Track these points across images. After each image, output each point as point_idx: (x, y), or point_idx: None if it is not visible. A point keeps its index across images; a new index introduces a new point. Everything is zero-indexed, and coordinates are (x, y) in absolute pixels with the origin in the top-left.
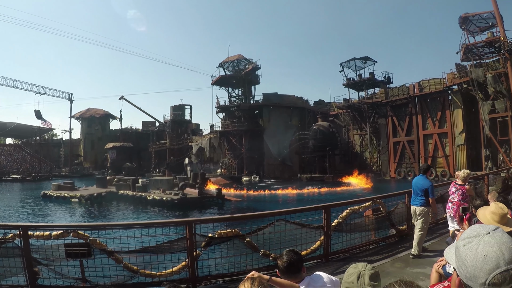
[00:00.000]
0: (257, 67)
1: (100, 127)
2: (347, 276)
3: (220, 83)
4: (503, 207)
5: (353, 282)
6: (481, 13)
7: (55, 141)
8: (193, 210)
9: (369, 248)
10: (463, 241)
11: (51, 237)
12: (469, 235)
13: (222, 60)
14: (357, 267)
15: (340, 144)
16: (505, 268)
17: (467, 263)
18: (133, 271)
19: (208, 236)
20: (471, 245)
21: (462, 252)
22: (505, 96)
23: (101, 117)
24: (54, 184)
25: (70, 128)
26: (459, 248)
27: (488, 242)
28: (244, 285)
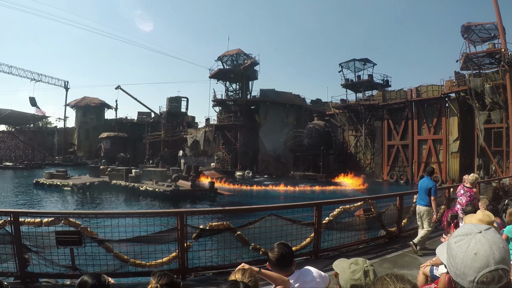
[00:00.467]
0: (256, 63)
1: (95, 116)
2: (352, 272)
3: (218, 76)
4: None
5: (361, 279)
6: (484, 24)
7: (49, 129)
8: (185, 202)
9: (358, 247)
10: (455, 238)
11: (42, 224)
12: (461, 233)
13: (221, 54)
14: (358, 263)
15: (335, 144)
16: (495, 267)
17: (457, 260)
18: (123, 260)
19: (199, 228)
20: (463, 243)
21: (453, 249)
22: (502, 108)
23: (96, 106)
24: (47, 172)
25: (64, 117)
26: (451, 245)
27: (479, 241)
28: (235, 276)
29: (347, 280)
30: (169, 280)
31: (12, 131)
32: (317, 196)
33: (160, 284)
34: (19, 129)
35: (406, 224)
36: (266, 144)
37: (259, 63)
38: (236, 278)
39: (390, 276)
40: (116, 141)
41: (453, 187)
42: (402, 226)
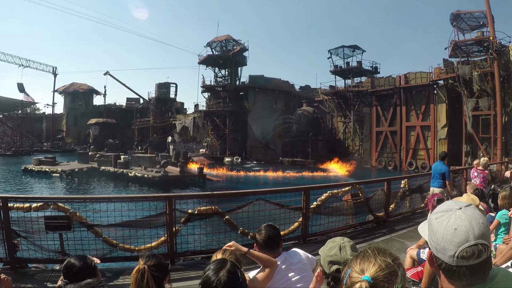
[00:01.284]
0: (245, 49)
1: (83, 102)
2: (328, 249)
3: (207, 62)
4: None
5: (336, 255)
6: (473, 12)
7: (38, 115)
8: (174, 188)
9: (346, 232)
10: (436, 214)
11: (31, 209)
12: (442, 209)
13: (210, 40)
14: (335, 241)
15: (324, 130)
16: (474, 242)
17: (437, 236)
18: (112, 245)
19: (187, 212)
20: (443, 219)
21: (434, 225)
22: (490, 95)
23: (85, 92)
24: (35, 158)
25: (53, 103)
26: (432, 221)
27: (459, 216)
28: (216, 256)
29: (324, 258)
30: (156, 261)
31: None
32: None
33: (148, 265)
34: (7, 116)
35: (393, 209)
36: (255, 130)
37: (248, 49)
38: (217, 257)
39: (372, 249)
40: (104, 127)
41: None
42: (390, 211)
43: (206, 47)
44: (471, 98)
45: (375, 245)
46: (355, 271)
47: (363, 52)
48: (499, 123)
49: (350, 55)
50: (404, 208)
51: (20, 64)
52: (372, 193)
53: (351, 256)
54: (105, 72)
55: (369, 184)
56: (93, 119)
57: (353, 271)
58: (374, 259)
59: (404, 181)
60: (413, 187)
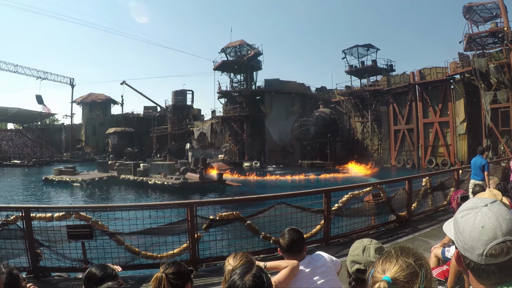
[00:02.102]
0: (259, 53)
1: (101, 112)
2: (353, 249)
3: (222, 68)
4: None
5: (359, 255)
6: (485, 3)
7: (57, 126)
8: (194, 195)
9: (369, 233)
10: (461, 212)
11: (53, 218)
12: (467, 207)
13: (224, 46)
14: (362, 242)
15: (342, 131)
16: (503, 239)
17: (464, 234)
18: (134, 253)
19: (209, 218)
20: (469, 217)
21: (460, 223)
22: (507, 87)
23: (102, 102)
24: (55, 169)
25: (71, 113)
26: (457, 219)
27: (485, 214)
28: (228, 261)
29: (348, 257)
30: (175, 269)
31: (19, 129)
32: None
33: (166, 273)
34: (26, 127)
35: (416, 208)
36: (273, 133)
37: (262, 53)
38: (230, 263)
39: (396, 249)
40: (123, 136)
41: (461, 169)
42: (412, 210)
43: (220, 53)
44: (489, 91)
45: (401, 245)
46: (377, 271)
47: (378, 51)
48: None
49: (365, 54)
50: (427, 207)
51: (38, 77)
52: (394, 193)
53: (374, 258)
54: (122, 82)
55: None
56: (112, 128)
57: (376, 271)
58: (395, 260)
59: (425, 179)
60: (435, 184)
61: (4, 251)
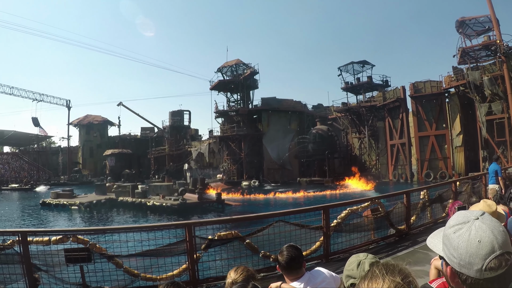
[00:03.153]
0: (256, 72)
1: (98, 134)
2: (348, 264)
3: (219, 88)
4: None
5: (353, 269)
6: (478, 17)
7: (53, 148)
8: (193, 215)
9: (368, 248)
10: (453, 228)
11: (50, 242)
12: (458, 222)
13: (220, 65)
14: (358, 256)
15: (339, 148)
16: (500, 252)
17: (460, 251)
18: (133, 275)
19: (207, 239)
20: (463, 231)
21: (453, 239)
22: (502, 98)
23: (99, 124)
24: (53, 192)
25: (68, 136)
26: (449, 235)
27: (480, 227)
28: (230, 274)
29: (344, 272)
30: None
31: (16, 152)
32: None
33: None
34: (23, 150)
35: (415, 221)
36: (271, 152)
37: (258, 72)
38: (231, 275)
39: (380, 268)
40: (120, 158)
41: (459, 180)
42: (411, 223)
43: (216, 72)
44: (484, 103)
45: (384, 262)
46: None
47: (373, 67)
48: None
49: (360, 70)
50: (426, 219)
51: (34, 99)
52: (392, 207)
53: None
54: (119, 103)
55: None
56: (109, 150)
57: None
58: (382, 280)
59: (423, 192)
60: (433, 197)
61: (1, 276)
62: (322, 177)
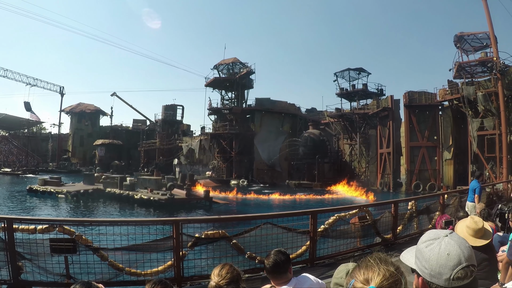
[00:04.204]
0: (252, 72)
1: (90, 123)
2: (337, 272)
3: (214, 85)
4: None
5: (342, 278)
6: (476, 33)
7: (44, 135)
8: (180, 211)
9: (354, 255)
10: (425, 243)
11: (36, 231)
12: (430, 238)
13: (217, 62)
14: (347, 265)
15: (330, 153)
16: (466, 264)
17: (431, 262)
18: (118, 269)
19: (194, 237)
20: (434, 246)
21: (425, 252)
22: (494, 115)
23: (91, 113)
24: (40, 178)
25: (59, 122)
26: (422, 249)
27: (448, 243)
28: (214, 272)
29: (333, 279)
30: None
31: (5, 135)
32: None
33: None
34: (13, 134)
35: (401, 231)
36: (261, 152)
37: (254, 72)
38: (214, 276)
39: (374, 258)
40: (110, 149)
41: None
42: (398, 233)
43: (213, 69)
44: (476, 118)
45: (376, 254)
46: (359, 281)
47: (369, 75)
48: (504, 142)
49: (356, 77)
50: (412, 230)
51: (27, 83)
52: (380, 215)
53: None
54: (112, 93)
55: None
56: (99, 140)
57: (357, 281)
58: (378, 269)
59: (411, 202)
60: (420, 208)
61: None
62: (311, 181)
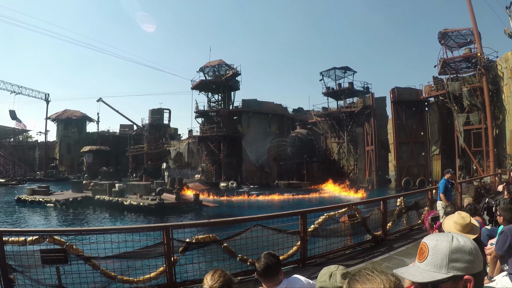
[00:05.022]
0: (238, 73)
1: (76, 130)
2: (320, 276)
3: (200, 87)
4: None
5: (325, 281)
6: (460, 30)
7: (30, 143)
8: (170, 216)
9: (345, 253)
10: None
11: (26, 243)
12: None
13: (203, 65)
14: (330, 268)
15: (318, 152)
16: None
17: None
18: (110, 277)
19: (185, 242)
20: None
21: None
22: (480, 109)
23: (78, 119)
24: (28, 188)
25: (45, 130)
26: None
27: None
28: (206, 278)
29: (317, 283)
30: None
31: None
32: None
33: None
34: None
35: (391, 228)
36: (250, 154)
37: (240, 73)
38: (207, 281)
39: (367, 268)
40: (98, 155)
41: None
42: (388, 229)
43: (199, 72)
44: (462, 113)
45: (370, 263)
46: None
47: (355, 73)
48: (490, 136)
49: (342, 76)
50: (402, 226)
51: (12, 91)
52: (369, 213)
53: (340, 283)
54: (98, 99)
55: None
56: (87, 146)
57: None
58: (380, 279)
59: (400, 199)
60: (409, 204)
61: None
62: (300, 181)
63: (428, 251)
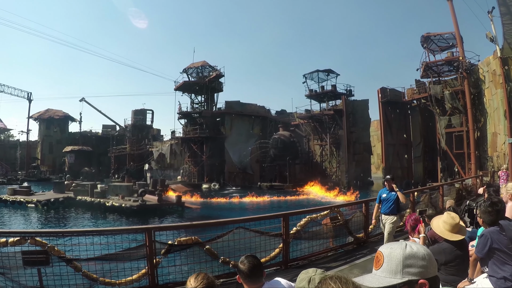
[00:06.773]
0: (221, 75)
1: (59, 129)
2: (299, 281)
3: (183, 89)
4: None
5: (305, 286)
6: (442, 34)
7: (12, 142)
8: (152, 217)
9: (327, 255)
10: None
11: (7, 244)
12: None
13: (186, 66)
14: (308, 272)
15: (301, 154)
16: None
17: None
18: (92, 279)
19: (168, 244)
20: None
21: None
22: (461, 112)
23: (60, 119)
24: (9, 188)
25: (27, 129)
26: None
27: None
28: (190, 281)
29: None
30: None
31: None
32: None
33: None
34: None
35: (373, 230)
36: (232, 155)
37: (224, 75)
38: (191, 283)
39: (334, 280)
40: (80, 155)
41: (416, 191)
42: (370, 231)
43: (182, 73)
44: (444, 116)
45: (334, 274)
46: None
47: (337, 76)
48: (471, 138)
49: (325, 79)
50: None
51: None
52: (351, 215)
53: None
54: (81, 99)
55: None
56: (69, 146)
57: None
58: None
59: None
60: None
61: None
62: (283, 183)
63: (383, 258)
